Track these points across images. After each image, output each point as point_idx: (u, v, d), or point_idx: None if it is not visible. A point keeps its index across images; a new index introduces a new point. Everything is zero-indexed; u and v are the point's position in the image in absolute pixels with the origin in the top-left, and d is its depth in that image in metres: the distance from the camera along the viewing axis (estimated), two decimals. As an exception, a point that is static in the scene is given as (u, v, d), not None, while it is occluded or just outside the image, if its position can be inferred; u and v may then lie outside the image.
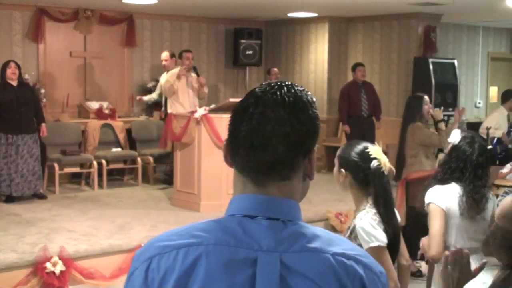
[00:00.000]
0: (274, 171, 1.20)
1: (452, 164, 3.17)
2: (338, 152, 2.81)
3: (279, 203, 1.20)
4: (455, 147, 3.20)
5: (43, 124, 7.64)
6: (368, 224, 2.66)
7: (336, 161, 2.79)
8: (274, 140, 1.18)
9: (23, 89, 7.48)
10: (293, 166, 1.21)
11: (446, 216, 3.12)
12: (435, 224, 3.12)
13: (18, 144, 7.33)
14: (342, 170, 2.72)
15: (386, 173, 2.71)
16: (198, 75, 8.19)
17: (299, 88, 1.24)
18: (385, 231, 2.67)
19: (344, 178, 2.72)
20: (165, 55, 8.86)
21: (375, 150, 2.71)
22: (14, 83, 7.38)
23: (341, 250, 1.19)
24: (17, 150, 7.33)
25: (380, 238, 2.65)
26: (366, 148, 2.73)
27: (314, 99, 1.25)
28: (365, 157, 2.69)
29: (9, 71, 7.33)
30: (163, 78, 8.26)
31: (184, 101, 7.97)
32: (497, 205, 3.21)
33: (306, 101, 1.22)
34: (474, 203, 3.10)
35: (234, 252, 1.16)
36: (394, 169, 2.91)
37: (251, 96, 1.23)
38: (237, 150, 1.22)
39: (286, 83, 1.24)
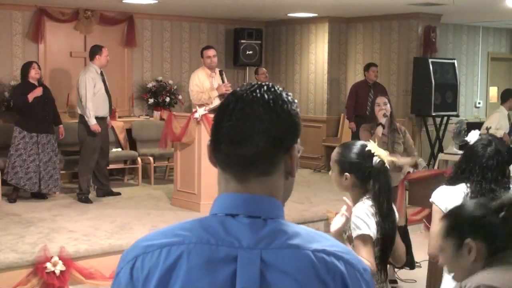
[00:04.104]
0: (255, 166, 1.22)
1: (463, 164, 3.19)
2: (334, 157, 2.82)
3: (260, 201, 1.22)
4: (468, 148, 3.22)
5: (61, 126, 7.84)
6: (363, 212, 2.72)
7: (334, 166, 2.81)
8: (254, 135, 1.20)
9: (45, 89, 7.63)
10: (274, 161, 1.23)
11: None
12: (433, 224, 3.16)
13: (44, 142, 7.48)
14: (346, 174, 2.75)
15: (388, 167, 2.77)
16: (223, 80, 7.65)
17: (279, 88, 1.26)
18: (380, 224, 2.71)
19: (349, 180, 2.76)
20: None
21: (373, 147, 2.76)
22: (36, 83, 7.53)
23: (322, 246, 1.20)
24: (43, 148, 7.47)
25: (371, 228, 2.70)
26: (363, 146, 2.77)
27: (296, 101, 1.28)
28: (366, 155, 2.74)
29: (33, 72, 7.49)
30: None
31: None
32: None
33: (286, 100, 1.24)
34: None
35: (215, 250, 1.17)
36: (395, 159, 2.95)
37: (232, 95, 1.26)
38: (218, 147, 1.23)
39: (267, 83, 1.27)
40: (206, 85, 7.58)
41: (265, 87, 1.24)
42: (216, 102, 7.54)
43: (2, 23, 8.90)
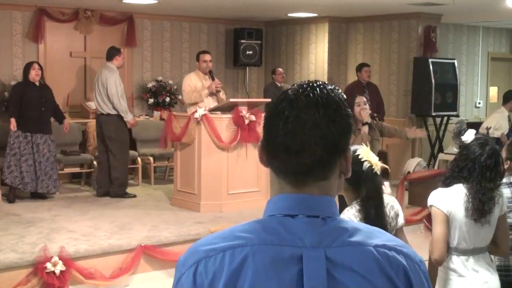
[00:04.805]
0: (312, 173, 1.22)
1: (460, 162, 3.16)
2: None
3: (317, 201, 1.22)
4: (465, 147, 3.19)
5: (66, 120, 7.84)
6: (348, 218, 2.66)
7: None
8: (311, 143, 1.19)
9: (45, 90, 7.64)
10: (330, 166, 1.23)
11: (448, 219, 3.11)
12: (437, 228, 3.12)
13: (38, 142, 7.46)
14: None
15: (378, 173, 2.74)
16: (213, 79, 7.70)
17: (330, 87, 1.24)
18: None
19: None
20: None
21: (364, 152, 2.74)
22: (37, 83, 7.54)
23: (382, 241, 1.22)
24: (38, 148, 7.46)
25: None
26: (355, 151, 2.74)
27: (345, 97, 1.26)
28: (356, 160, 2.70)
29: (33, 72, 7.48)
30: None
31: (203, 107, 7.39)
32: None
33: (339, 101, 1.23)
34: (480, 204, 3.07)
35: (279, 250, 1.18)
36: (387, 167, 2.93)
37: (284, 98, 1.23)
38: (274, 154, 1.23)
39: (318, 83, 1.24)
40: (198, 86, 7.63)
41: (317, 89, 1.22)
42: (209, 101, 7.56)
43: (2, 23, 8.90)
